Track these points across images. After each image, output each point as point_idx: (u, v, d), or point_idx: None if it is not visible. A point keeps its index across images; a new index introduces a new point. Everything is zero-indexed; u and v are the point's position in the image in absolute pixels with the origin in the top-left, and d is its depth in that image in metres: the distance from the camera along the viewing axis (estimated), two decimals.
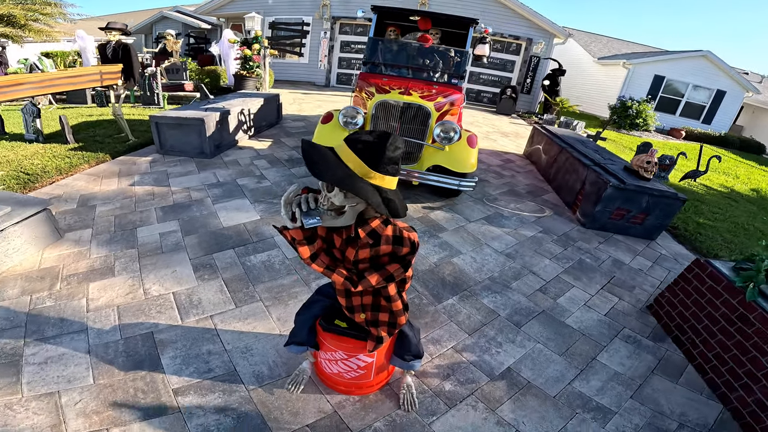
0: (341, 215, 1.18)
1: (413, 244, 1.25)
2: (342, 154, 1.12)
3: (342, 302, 1.44)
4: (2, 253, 2.71)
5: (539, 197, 4.81)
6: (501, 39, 11.96)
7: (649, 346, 2.47)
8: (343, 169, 1.10)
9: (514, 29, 11.73)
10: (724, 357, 2.25)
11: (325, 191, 1.16)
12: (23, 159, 4.64)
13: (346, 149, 1.12)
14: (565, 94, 14.62)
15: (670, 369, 2.31)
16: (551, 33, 11.72)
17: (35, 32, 10.05)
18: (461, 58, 4.69)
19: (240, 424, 1.68)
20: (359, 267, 1.28)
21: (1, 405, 1.69)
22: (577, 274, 3.18)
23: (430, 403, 1.88)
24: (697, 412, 2.05)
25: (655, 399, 2.09)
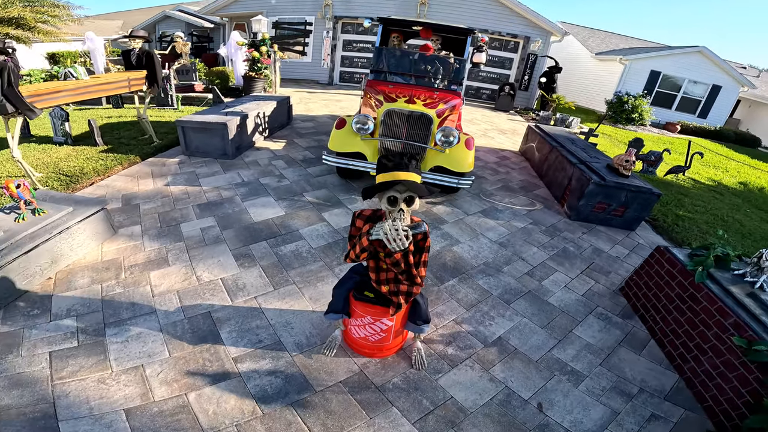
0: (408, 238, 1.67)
1: (426, 234, 1.79)
2: (406, 177, 1.63)
3: (372, 277, 1.95)
4: (68, 247, 3.20)
5: (531, 192, 5.30)
6: (499, 37, 12.36)
7: (618, 322, 2.94)
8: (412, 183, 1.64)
9: (512, 27, 12.12)
10: (678, 332, 2.62)
11: (396, 220, 1.66)
12: (58, 161, 5.10)
13: (405, 173, 1.63)
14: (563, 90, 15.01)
15: (635, 342, 2.72)
16: (548, 31, 12.10)
17: (44, 34, 10.36)
18: (460, 65, 5.15)
19: (288, 383, 2.16)
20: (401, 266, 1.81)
21: (95, 380, 2.11)
22: (561, 260, 3.69)
23: (436, 364, 2.37)
24: (656, 380, 2.42)
25: (621, 367, 2.49)
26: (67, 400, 1.98)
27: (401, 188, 1.64)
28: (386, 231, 1.61)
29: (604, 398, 2.27)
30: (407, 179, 1.62)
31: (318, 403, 2.06)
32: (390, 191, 1.65)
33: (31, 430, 1.81)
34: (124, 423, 1.88)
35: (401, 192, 1.65)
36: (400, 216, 1.69)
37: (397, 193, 1.65)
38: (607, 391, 2.31)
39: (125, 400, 2.00)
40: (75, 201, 3.45)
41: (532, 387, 2.29)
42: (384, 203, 1.70)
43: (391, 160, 1.66)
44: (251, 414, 1.97)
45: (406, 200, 1.67)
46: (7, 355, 2.22)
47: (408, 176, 1.63)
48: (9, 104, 3.97)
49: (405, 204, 1.68)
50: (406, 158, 1.66)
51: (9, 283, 2.70)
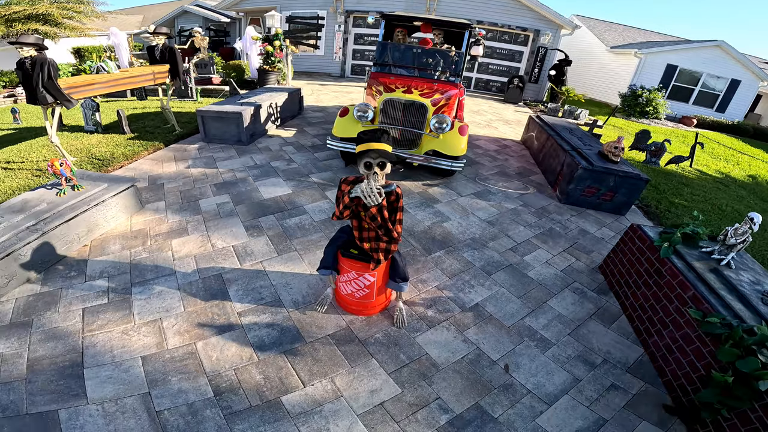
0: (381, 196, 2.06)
1: (399, 196, 2.15)
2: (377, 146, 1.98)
3: (356, 234, 2.30)
4: (103, 218, 3.66)
5: (526, 178, 5.54)
6: (509, 30, 12.44)
7: (593, 297, 3.15)
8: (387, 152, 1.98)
9: (522, 21, 12.18)
10: (645, 306, 2.74)
11: (370, 174, 2.03)
12: (90, 147, 5.61)
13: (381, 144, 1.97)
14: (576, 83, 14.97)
15: (606, 317, 2.89)
16: (558, 24, 12.13)
17: (70, 29, 10.97)
18: (458, 58, 5.42)
19: (283, 335, 2.52)
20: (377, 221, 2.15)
21: (120, 332, 2.49)
22: (545, 238, 3.95)
23: (416, 324, 2.68)
24: (620, 352, 2.57)
25: (588, 338, 2.66)
26: (94, 350, 2.35)
27: (374, 155, 1.97)
28: (362, 189, 1.99)
29: (569, 365, 2.45)
30: (379, 148, 1.95)
31: (307, 352, 2.40)
32: (365, 157, 1.99)
33: (59, 376, 2.16)
34: (139, 368, 2.24)
35: (374, 158, 1.99)
36: (374, 178, 2.03)
37: (371, 159, 1.99)
38: (572, 359, 2.49)
39: (143, 348, 2.37)
40: (108, 179, 3.91)
41: (501, 350, 2.52)
42: (361, 167, 2.04)
43: (366, 134, 2.00)
44: (248, 359, 2.33)
45: (379, 165, 2.01)
46: (45, 312, 2.63)
47: (379, 146, 1.97)
48: (49, 95, 4.46)
49: (379, 168, 2.02)
50: (379, 132, 1.99)
51: (50, 247, 3.16)
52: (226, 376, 2.22)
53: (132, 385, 2.13)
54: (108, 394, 2.07)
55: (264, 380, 2.21)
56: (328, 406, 2.10)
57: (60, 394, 2.06)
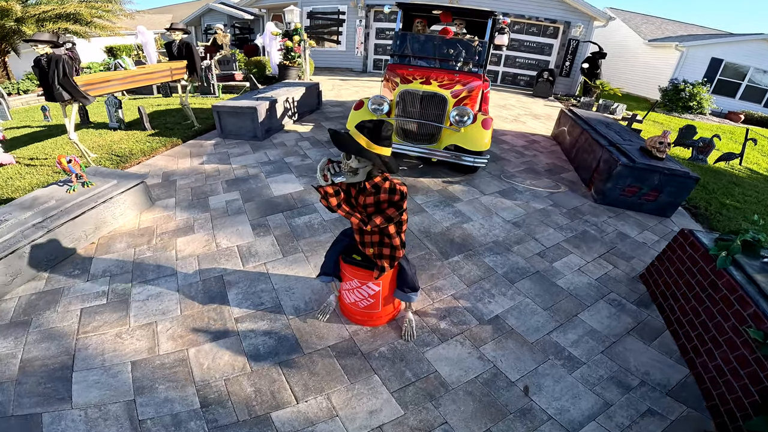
0: (356, 175, 1.78)
1: (402, 193, 1.83)
2: (355, 136, 1.71)
3: (357, 238, 2.04)
4: (111, 216, 3.58)
5: (557, 175, 5.11)
6: (537, 23, 11.89)
7: (632, 310, 2.77)
8: (356, 144, 1.68)
9: (551, 13, 11.60)
10: (695, 322, 2.42)
11: (345, 159, 1.76)
12: (112, 144, 5.65)
13: (356, 132, 1.71)
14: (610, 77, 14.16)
15: (646, 332, 2.54)
16: (590, 16, 11.45)
17: (100, 28, 11.26)
18: (481, 47, 5.05)
19: (280, 344, 2.31)
20: (367, 211, 1.87)
21: (114, 334, 2.38)
22: (578, 243, 3.56)
23: (426, 337, 2.40)
24: (661, 373, 2.25)
25: (624, 357, 2.33)
26: (85, 353, 2.25)
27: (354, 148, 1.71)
28: (320, 167, 1.85)
29: (599, 388, 2.15)
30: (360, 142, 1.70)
31: (304, 364, 2.19)
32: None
33: (48, 379, 2.09)
34: (128, 374, 2.12)
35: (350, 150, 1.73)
36: (343, 163, 1.80)
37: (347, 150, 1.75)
38: (604, 381, 2.19)
39: (134, 353, 2.25)
40: (119, 176, 3.84)
41: (521, 369, 2.24)
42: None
43: (366, 125, 1.73)
44: (241, 370, 2.15)
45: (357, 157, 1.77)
46: (44, 312, 2.56)
47: (361, 139, 1.70)
48: (65, 92, 4.46)
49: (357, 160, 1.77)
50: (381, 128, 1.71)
51: (57, 245, 3.09)
52: (216, 386, 2.06)
53: (118, 391, 2.02)
54: (93, 399, 1.99)
55: (255, 393, 2.03)
56: (320, 426, 1.89)
57: (46, 396, 2.00)
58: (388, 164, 1.77)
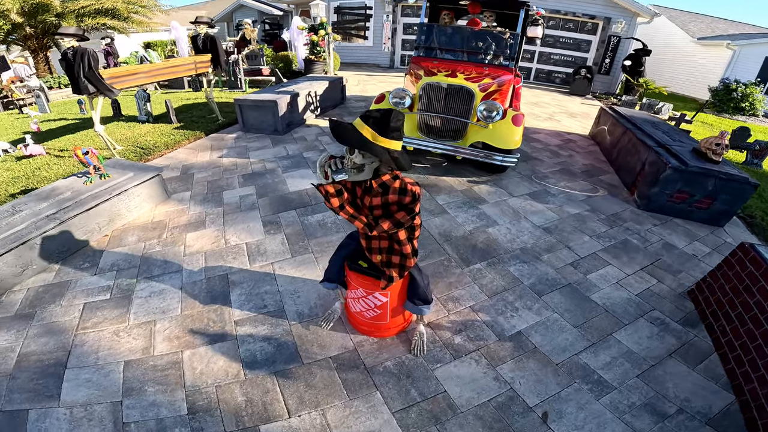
0: (361, 172, 1.55)
1: (414, 194, 1.58)
2: (359, 126, 1.48)
3: (363, 244, 1.82)
4: (125, 208, 3.54)
5: (595, 177, 4.70)
6: (574, 18, 11.26)
7: (676, 329, 2.44)
8: (360, 137, 1.45)
9: (589, 8, 10.96)
10: (749, 346, 2.14)
11: (348, 154, 1.53)
12: (138, 136, 5.70)
13: (361, 123, 1.47)
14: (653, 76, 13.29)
15: (691, 355, 2.25)
16: (633, 12, 10.74)
17: (137, 24, 11.57)
18: (513, 40, 4.68)
19: (278, 351, 2.14)
20: (374, 213, 1.64)
21: (111, 331, 2.28)
22: (618, 253, 3.19)
23: (438, 353, 2.16)
24: (703, 400, 2.00)
25: (663, 381, 2.07)
26: (81, 350, 2.17)
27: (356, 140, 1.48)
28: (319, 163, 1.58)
29: (629, 416, 1.89)
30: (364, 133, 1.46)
31: (301, 375, 2.01)
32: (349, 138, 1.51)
33: (41, 375, 2.02)
34: (119, 374, 2.02)
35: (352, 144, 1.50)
36: (346, 158, 1.57)
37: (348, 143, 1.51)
38: (636, 408, 1.93)
39: (129, 352, 2.15)
40: (137, 168, 3.80)
41: (542, 393, 1.98)
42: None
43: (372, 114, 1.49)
44: (234, 377, 1.99)
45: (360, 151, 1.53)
46: (49, 305, 2.51)
47: (365, 130, 1.46)
48: (90, 85, 4.49)
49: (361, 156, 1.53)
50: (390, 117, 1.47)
51: (69, 237, 3.06)
52: (206, 393, 1.92)
53: (107, 392, 1.93)
54: (80, 399, 1.90)
55: (246, 403, 1.87)
56: None
57: (36, 393, 1.94)
58: (398, 160, 1.53)
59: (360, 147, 1.47)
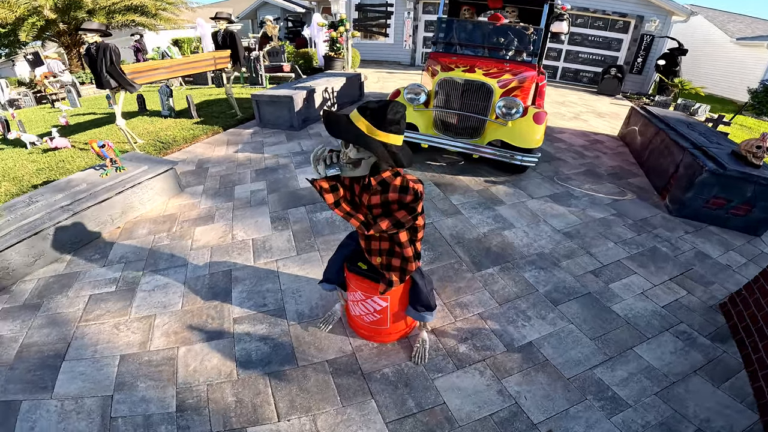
0: (357, 168, 1.44)
1: (416, 193, 1.45)
2: (354, 118, 1.37)
3: (363, 245, 1.72)
4: (138, 201, 3.56)
5: (623, 180, 4.42)
6: (603, 16, 10.81)
7: (704, 345, 2.23)
8: (354, 130, 1.35)
9: (620, 6, 10.49)
10: None
11: (343, 148, 1.43)
12: (159, 131, 5.80)
13: (356, 115, 1.37)
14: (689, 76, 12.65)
15: (717, 372, 2.06)
16: (668, 10, 10.19)
17: (164, 20, 11.83)
18: (536, 35, 4.45)
19: (274, 352, 2.07)
20: (373, 212, 1.53)
21: (112, 324, 2.27)
22: (644, 261, 2.97)
23: (440, 361, 2.02)
24: (724, 419, 1.83)
25: (683, 400, 1.90)
26: (80, 342, 2.16)
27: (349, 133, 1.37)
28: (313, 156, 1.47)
29: None
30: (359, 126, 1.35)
31: (295, 378, 1.93)
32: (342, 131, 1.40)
33: (39, 366, 2.02)
34: (114, 368, 1.99)
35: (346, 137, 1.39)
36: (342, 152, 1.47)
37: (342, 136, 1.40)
38: (650, 428, 1.77)
39: (126, 346, 2.12)
40: (152, 161, 3.83)
41: (548, 410, 1.82)
42: None
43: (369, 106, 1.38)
44: (227, 376, 1.93)
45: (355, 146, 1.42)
46: (56, 296, 2.52)
47: (361, 123, 1.35)
48: (112, 80, 4.58)
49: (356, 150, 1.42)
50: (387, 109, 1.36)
51: (82, 228, 3.09)
52: (197, 391, 1.87)
53: (99, 386, 1.91)
54: (73, 391, 1.89)
55: (236, 404, 1.81)
56: None
57: (31, 384, 1.93)
58: (397, 156, 1.41)
59: (354, 141, 1.36)
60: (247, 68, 8.80)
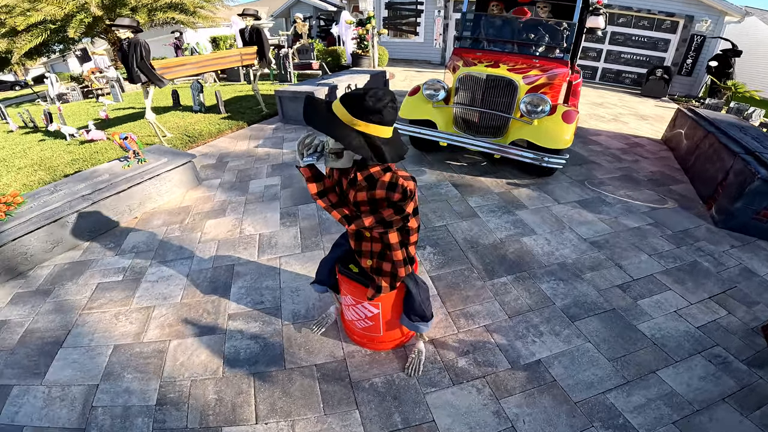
0: (339, 158, 1.32)
1: (405, 191, 1.31)
2: (334, 107, 1.25)
3: (352, 245, 1.59)
4: (156, 192, 3.62)
5: (664, 186, 4.04)
6: (648, 16, 10.15)
7: (738, 370, 1.96)
8: (329, 118, 1.23)
9: (667, 5, 9.82)
10: None
11: (326, 137, 1.32)
12: (188, 125, 5.95)
13: (337, 103, 1.25)
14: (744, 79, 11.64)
15: (749, 400, 1.81)
16: (720, 10, 9.44)
17: (202, 18, 12.19)
18: (568, 31, 4.13)
19: (263, 352, 1.99)
20: (360, 209, 1.40)
21: (113, 313, 2.28)
22: (682, 277, 2.66)
23: (436, 375, 1.86)
24: None
25: (705, 430, 1.67)
26: (80, 329, 2.18)
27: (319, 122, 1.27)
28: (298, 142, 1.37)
29: None
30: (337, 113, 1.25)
31: (280, 380, 1.84)
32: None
33: (37, 352, 2.05)
34: (106, 357, 1.99)
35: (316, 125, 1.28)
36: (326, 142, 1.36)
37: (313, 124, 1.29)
38: None
39: (121, 336, 2.12)
40: (173, 154, 3.90)
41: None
42: None
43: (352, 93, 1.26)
44: (212, 373, 1.88)
45: None
46: (67, 282, 2.58)
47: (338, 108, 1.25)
48: (142, 74, 4.71)
49: None
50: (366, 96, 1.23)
51: (100, 217, 3.17)
52: (180, 385, 1.83)
53: (88, 374, 1.92)
54: (62, 379, 1.90)
55: (216, 402, 1.75)
56: None
57: (26, 369, 1.97)
58: (379, 150, 1.25)
59: (324, 130, 1.24)
60: (277, 65, 8.91)
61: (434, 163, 4.27)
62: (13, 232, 2.68)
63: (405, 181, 1.32)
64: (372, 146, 1.24)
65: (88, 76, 9.83)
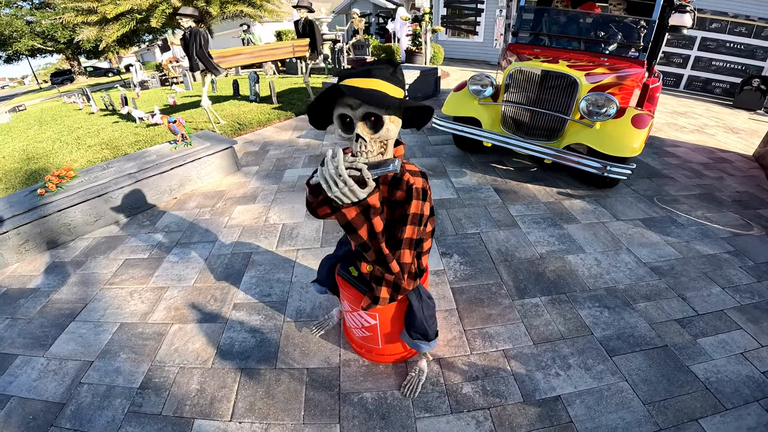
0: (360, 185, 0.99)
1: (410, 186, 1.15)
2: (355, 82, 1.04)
3: (352, 245, 1.41)
4: (196, 175, 3.72)
5: (752, 210, 3.40)
6: (746, 22, 8.87)
7: None
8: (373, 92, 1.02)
9: None
10: None
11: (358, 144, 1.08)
12: (241, 113, 6.17)
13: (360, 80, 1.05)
14: None
15: None
16: None
17: (268, 12, 12.64)
18: (646, 29, 3.59)
19: (258, 347, 1.89)
20: None
21: (129, 291, 2.31)
22: (758, 315, 2.15)
23: (434, 398, 1.63)
24: None
25: None
26: (95, 304, 2.23)
27: (353, 102, 1.03)
28: (324, 172, 0.94)
29: None
30: (360, 86, 1.01)
31: (266, 380, 1.72)
32: (339, 107, 1.07)
33: (50, 324, 2.11)
34: (109, 334, 2.01)
35: (354, 107, 1.04)
36: (363, 148, 1.08)
37: (349, 108, 1.05)
38: None
39: (130, 315, 2.14)
40: (217, 139, 4.00)
41: None
42: (338, 129, 1.12)
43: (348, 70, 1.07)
44: (202, 363, 1.81)
45: (365, 120, 1.06)
46: (99, 256, 2.69)
47: (356, 82, 1.02)
48: (200, 62, 4.92)
49: (366, 127, 1.06)
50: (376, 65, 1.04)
51: (141, 195, 3.31)
52: (167, 372, 1.79)
53: (88, 350, 1.94)
54: (63, 353, 1.93)
55: (196, 393, 1.69)
56: None
57: (36, 340, 2.03)
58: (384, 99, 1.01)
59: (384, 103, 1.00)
60: (332, 59, 9.00)
61: (477, 164, 3.97)
62: (60, 203, 2.86)
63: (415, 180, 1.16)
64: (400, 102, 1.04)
65: (166, 65, 10.64)
